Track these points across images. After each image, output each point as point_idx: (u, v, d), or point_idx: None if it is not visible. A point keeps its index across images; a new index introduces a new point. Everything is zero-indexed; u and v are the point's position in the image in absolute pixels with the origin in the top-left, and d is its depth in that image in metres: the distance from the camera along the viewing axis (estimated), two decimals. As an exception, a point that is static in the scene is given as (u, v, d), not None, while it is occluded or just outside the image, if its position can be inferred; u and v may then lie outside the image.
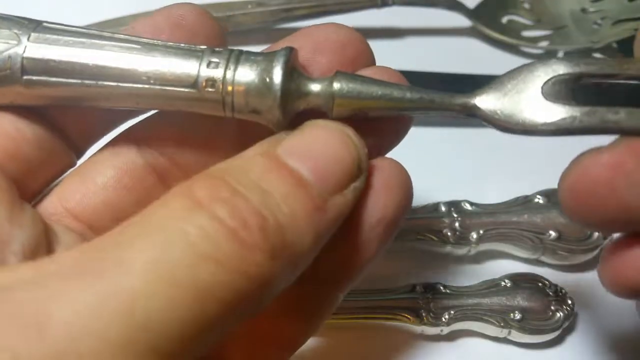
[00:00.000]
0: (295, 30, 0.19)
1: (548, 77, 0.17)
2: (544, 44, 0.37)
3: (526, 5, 0.39)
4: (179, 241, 0.13)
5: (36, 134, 0.18)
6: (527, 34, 0.37)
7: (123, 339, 0.12)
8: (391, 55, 0.20)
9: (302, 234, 0.15)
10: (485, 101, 0.17)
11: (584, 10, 0.37)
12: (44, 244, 0.17)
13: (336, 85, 0.17)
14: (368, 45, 0.19)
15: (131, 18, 0.35)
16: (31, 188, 0.19)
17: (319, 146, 0.16)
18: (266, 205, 0.14)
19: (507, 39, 0.37)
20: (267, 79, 0.17)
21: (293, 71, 0.17)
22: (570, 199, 0.17)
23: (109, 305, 0.12)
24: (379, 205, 0.18)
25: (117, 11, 0.35)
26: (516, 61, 0.37)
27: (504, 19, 0.38)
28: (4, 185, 0.17)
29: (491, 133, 0.35)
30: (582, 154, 0.17)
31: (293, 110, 0.18)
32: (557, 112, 0.17)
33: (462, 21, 0.38)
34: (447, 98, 0.18)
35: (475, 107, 0.17)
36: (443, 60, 0.36)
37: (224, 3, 0.36)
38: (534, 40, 0.37)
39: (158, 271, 0.13)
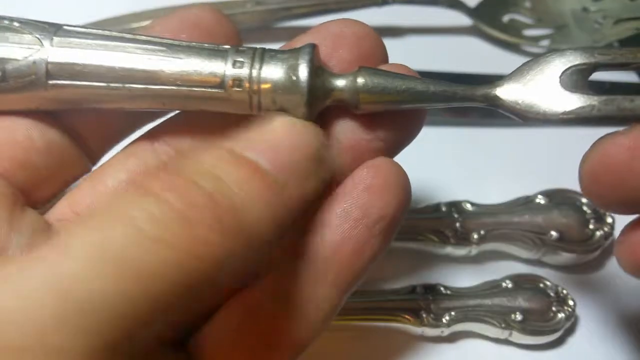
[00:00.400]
0: (294, 29, 0.19)
1: (565, 68, 0.18)
2: (545, 43, 0.37)
3: (527, 4, 0.38)
4: (123, 224, 0.13)
5: (49, 141, 0.18)
6: (528, 33, 0.37)
7: (57, 322, 0.12)
8: (391, 54, 0.20)
9: (260, 217, 0.15)
10: (506, 92, 0.18)
11: (585, 9, 0.37)
12: None
13: (360, 81, 0.17)
14: (382, 41, 0.19)
15: (131, 17, 0.35)
16: (41, 195, 0.19)
17: (278, 138, 0.16)
18: (218, 189, 0.15)
19: (508, 38, 0.37)
20: (294, 77, 0.17)
21: (318, 68, 0.17)
22: (591, 181, 0.17)
23: (43, 290, 0.12)
24: (377, 206, 0.18)
25: (114, 10, 0.35)
26: (517, 60, 0.36)
27: (505, 18, 0.38)
28: (6, 192, 0.17)
29: (492, 133, 0.35)
30: (601, 138, 0.17)
31: (319, 107, 0.18)
32: (575, 101, 0.17)
33: (463, 20, 0.38)
34: (469, 90, 0.18)
35: (496, 97, 0.18)
36: (443, 59, 0.36)
37: (223, 2, 0.35)
38: (535, 40, 0.37)
39: (99, 253, 0.13)
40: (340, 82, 0.18)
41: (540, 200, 0.29)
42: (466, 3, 0.37)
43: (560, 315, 0.26)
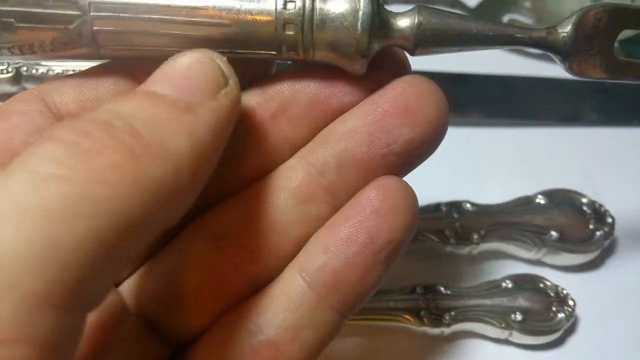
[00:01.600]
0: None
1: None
2: (545, 43, 0.37)
3: (527, 4, 0.38)
4: (17, 172, 0.13)
5: None
6: (528, 33, 0.37)
7: None
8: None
9: (172, 133, 0.14)
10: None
11: (585, 9, 0.37)
12: None
13: (419, 19, 0.17)
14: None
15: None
16: None
17: (176, 70, 0.16)
18: (114, 116, 0.14)
19: (508, 38, 0.37)
20: (356, 5, 0.16)
21: (380, 5, 0.17)
22: None
23: None
24: (385, 230, 0.17)
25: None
26: (517, 60, 0.37)
27: (505, 18, 0.38)
28: None
29: (492, 133, 0.35)
30: None
31: (377, 46, 0.17)
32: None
33: (463, 20, 0.37)
34: (527, 32, 0.18)
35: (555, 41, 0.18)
36: (442, 59, 0.36)
37: None
38: (535, 40, 0.37)
39: (2, 206, 0.12)
40: (402, 22, 0.17)
41: (540, 200, 0.29)
42: (466, 3, 0.37)
43: (560, 315, 0.26)
